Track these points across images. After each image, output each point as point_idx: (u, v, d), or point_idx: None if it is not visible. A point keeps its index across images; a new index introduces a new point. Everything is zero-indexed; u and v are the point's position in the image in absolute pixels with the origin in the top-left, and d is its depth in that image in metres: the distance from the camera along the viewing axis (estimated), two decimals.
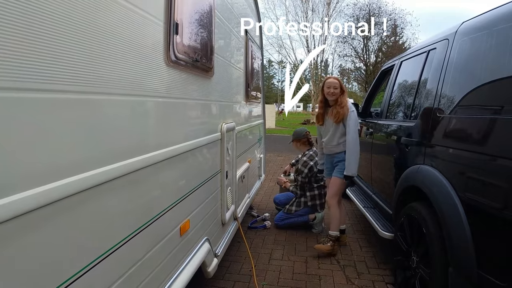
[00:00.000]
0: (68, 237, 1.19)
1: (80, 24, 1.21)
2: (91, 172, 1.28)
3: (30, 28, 1.00)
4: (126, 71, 1.52)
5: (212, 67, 2.61)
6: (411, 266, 2.95)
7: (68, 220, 1.19)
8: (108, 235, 1.43)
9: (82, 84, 1.24)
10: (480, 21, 2.62)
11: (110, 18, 1.39)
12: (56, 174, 1.12)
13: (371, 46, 32.18)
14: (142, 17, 1.64)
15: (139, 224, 1.67)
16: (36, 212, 1.04)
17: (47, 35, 1.06)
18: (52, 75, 1.09)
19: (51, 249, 1.12)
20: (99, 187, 1.33)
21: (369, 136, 4.73)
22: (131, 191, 1.58)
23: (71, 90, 1.18)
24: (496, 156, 2.09)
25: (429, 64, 3.30)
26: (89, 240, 1.31)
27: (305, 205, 4.90)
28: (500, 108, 2.15)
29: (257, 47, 4.94)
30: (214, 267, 2.77)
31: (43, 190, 1.05)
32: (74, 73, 1.18)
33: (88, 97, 1.27)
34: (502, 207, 2.00)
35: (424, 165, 2.86)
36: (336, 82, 4.05)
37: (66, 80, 1.15)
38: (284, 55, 33.53)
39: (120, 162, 1.47)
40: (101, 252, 1.38)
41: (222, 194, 3.07)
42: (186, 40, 2.10)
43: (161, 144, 1.87)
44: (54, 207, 1.11)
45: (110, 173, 1.39)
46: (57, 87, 1.12)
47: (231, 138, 3.26)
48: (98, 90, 1.33)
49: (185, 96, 2.19)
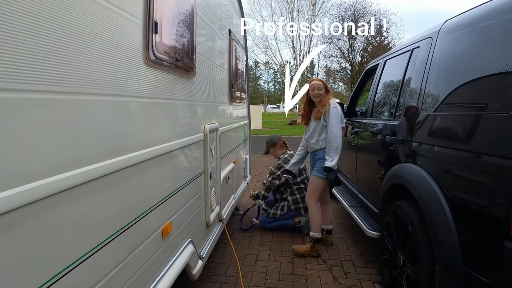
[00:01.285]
0: (43, 240, 1.15)
1: (55, 24, 1.17)
2: (67, 174, 1.23)
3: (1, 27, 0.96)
4: (104, 70, 1.48)
5: (193, 67, 2.56)
6: (398, 264, 2.94)
7: (43, 223, 1.14)
8: (86, 238, 1.39)
9: (58, 84, 1.20)
10: (463, 19, 2.62)
11: (87, 17, 1.35)
12: (30, 176, 1.08)
13: (357, 46, 32.36)
14: (120, 16, 1.60)
15: (118, 227, 1.62)
16: (8, 215, 1.00)
17: (20, 33, 1.03)
18: (26, 74, 1.06)
19: (25, 253, 1.08)
20: (76, 189, 1.29)
21: (354, 135, 4.72)
22: (109, 193, 1.54)
23: (45, 90, 1.14)
24: (480, 153, 2.09)
25: (413, 62, 3.30)
26: (66, 243, 1.27)
27: (289, 209, 4.87)
28: (483, 105, 2.16)
29: (241, 48, 4.91)
30: (199, 269, 2.73)
31: (15, 193, 1.01)
32: (49, 73, 1.15)
33: (64, 97, 1.24)
34: (487, 204, 1.99)
35: (409, 163, 2.86)
36: (320, 84, 4.11)
37: (41, 80, 1.12)
38: (270, 55, 33.58)
39: (97, 163, 1.42)
40: (79, 255, 1.34)
41: (206, 195, 3.02)
42: (166, 40, 2.06)
43: (141, 145, 1.83)
44: (28, 210, 1.07)
45: (87, 174, 1.35)
46: (31, 87, 1.08)
47: (215, 139, 3.22)
48: (75, 90, 1.29)
49: (165, 96, 2.14)
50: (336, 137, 3.90)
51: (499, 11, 2.21)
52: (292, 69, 34.38)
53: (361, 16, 30.84)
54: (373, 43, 31.72)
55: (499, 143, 1.95)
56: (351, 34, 30.89)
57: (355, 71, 31.54)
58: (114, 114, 1.59)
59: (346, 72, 34.03)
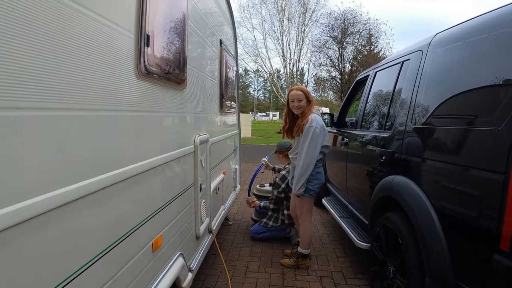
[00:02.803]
0: (32, 259, 1.12)
1: (44, 37, 1.15)
2: (55, 192, 1.21)
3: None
4: (94, 85, 1.45)
5: (185, 78, 2.56)
6: (388, 276, 2.94)
7: (31, 243, 1.12)
8: (75, 256, 1.36)
9: (47, 100, 1.18)
10: (454, 33, 2.65)
11: (78, 30, 1.33)
12: (16, 196, 1.05)
13: (346, 55, 32.56)
14: (111, 29, 1.58)
15: (108, 243, 1.60)
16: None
17: (6, 46, 1.01)
18: (13, 91, 1.03)
19: (13, 274, 1.06)
20: (66, 206, 1.26)
21: (344, 146, 4.74)
22: (99, 209, 1.51)
23: (34, 107, 1.12)
24: (470, 167, 2.11)
25: (403, 74, 3.32)
26: (55, 262, 1.24)
27: (283, 222, 4.82)
28: (473, 118, 2.18)
29: (232, 57, 4.91)
30: (189, 282, 2.70)
31: (4, 213, 0.99)
32: (37, 89, 1.12)
33: (53, 114, 1.21)
34: (477, 218, 2.01)
35: (399, 175, 2.87)
36: (300, 94, 3.75)
37: (29, 96, 1.09)
38: (260, 64, 33.66)
39: (87, 180, 1.40)
40: (69, 273, 1.31)
41: (196, 207, 3.00)
42: (157, 52, 2.05)
43: (131, 159, 1.81)
44: (15, 230, 1.04)
45: (77, 191, 1.33)
46: (18, 104, 1.06)
47: (205, 150, 3.20)
48: (64, 106, 1.27)
49: (156, 109, 2.13)
50: (303, 163, 3.62)
51: (489, 26, 2.24)
52: (281, 77, 34.47)
53: (351, 25, 31.10)
54: (362, 52, 31.95)
55: (489, 156, 1.97)
56: (341, 43, 31.15)
57: (344, 80, 31.72)
58: (104, 128, 1.57)
59: (336, 81, 34.20)
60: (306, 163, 3.62)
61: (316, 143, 3.61)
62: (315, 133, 3.60)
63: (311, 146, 3.61)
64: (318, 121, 3.66)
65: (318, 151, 3.64)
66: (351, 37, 31.34)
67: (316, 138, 3.60)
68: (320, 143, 3.64)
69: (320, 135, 3.62)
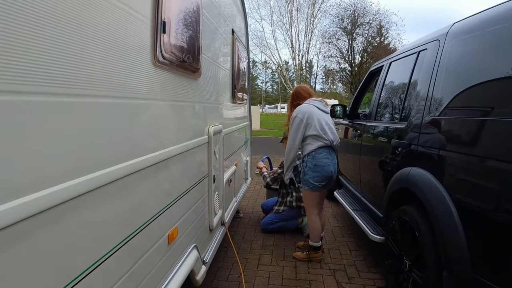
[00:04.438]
0: (48, 252, 1.09)
1: (62, 22, 1.11)
2: (71, 182, 1.16)
3: (6, 26, 0.91)
4: (111, 71, 1.42)
5: (199, 67, 2.51)
6: (404, 270, 2.90)
7: (47, 235, 1.08)
8: (92, 248, 1.33)
9: (65, 86, 1.14)
10: (472, 22, 2.58)
11: (96, 15, 1.29)
12: (32, 186, 1.01)
13: (356, 46, 32.29)
14: (128, 15, 1.54)
15: (125, 235, 1.57)
16: (14, 227, 0.94)
17: (26, 33, 0.97)
18: (27, 75, 0.99)
19: (30, 266, 1.02)
20: (81, 197, 1.22)
21: (357, 138, 4.68)
22: (115, 200, 1.48)
23: (48, 92, 1.07)
24: (489, 158, 2.05)
25: (420, 65, 3.25)
26: (73, 254, 1.21)
27: (291, 204, 4.82)
28: (491, 109, 2.12)
29: (243, 47, 4.86)
30: (203, 275, 2.68)
31: (18, 204, 0.95)
32: (52, 74, 1.08)
33: (68, 100, 1.17)
34: (496, 210, 1.96)
35: (416, 167, 2.81)
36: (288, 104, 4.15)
37: (43, 81, 1.05)
38: (268, 55, 33.55)
39: (103, 170, 1.36)
40: (86, 266, 1.28)
41: (209, 199, 2.97)
42: (173, 40, 2.01)
43: (148, 148, 1.77)
44: (30, 222, 1.00)
45: (92, 182, 1.29)
46: (32, 89, 1.01)
47: (218, 141, 3.17)
48: (82, 92, 1.23)
49: (172, 98, 2.09)
50: (288, 151, 3.87)
51: (509, 15, 2.17)
52: (290, 69, 34.36)
53: (361, 16, 30.81)
54: (373, 44, 31.66)
55: (509, 148, 1.91)
56: (351, 34, 30.90)
57: (354, 72, 31.47)
58: (122, 117, 1.53)
59: (345, 73, 33.97)
60: (287, 151, 3.86)
61: (296, 131, 3.73)
62: (295, 121, 3.74)
63: (290, 134, 3.79)
64: (302, 110, 3.77)
65: (298, 139, 3.74)
66: (361, 28, 31.03)
67: (296, 126, 3.73)
68: (300, 131, 3.72)
69: (301, 123, 3.71)
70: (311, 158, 3.69)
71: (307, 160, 3.73)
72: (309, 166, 3.71)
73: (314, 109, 3.75)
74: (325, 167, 3.71)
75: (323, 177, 3.72)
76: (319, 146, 3.68)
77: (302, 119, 3.69)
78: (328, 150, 3.75)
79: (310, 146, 3.69)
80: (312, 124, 3.69)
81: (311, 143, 3.70)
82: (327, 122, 3.79)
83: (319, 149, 3.68)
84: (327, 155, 3.73)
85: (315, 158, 3.67)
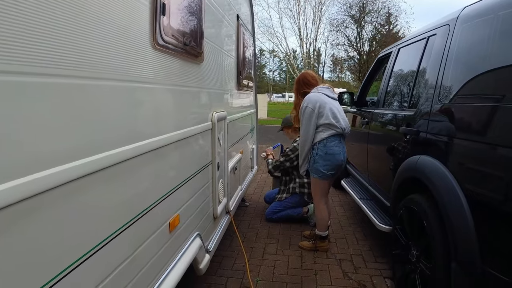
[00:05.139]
0: (47, 236, 1.07)
1: (60, 3, 1.07)
2: (68, 165, 1.13)
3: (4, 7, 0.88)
4: (109, 53, 1.37)
5: (202, 52, 2.45)
6: (411, 260, 2.84)
7: (46, 218, 1.05)
8: (91, 233, 1.30)
9: (59, 67, 1.10)
10: (484, 6, 2.49)
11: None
12: (27, 168, 0.98)
13: (365, 34, 31.99)
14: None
15: (124, 221, 1.53)
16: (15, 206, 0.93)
17: (24, 14, 0.94)
18: (30, 56, 0.96)
19: (28, 251, 1.00)
20: (79, 180, 1.19)
21: (365, 126, 4.60)
22: (113, 185, 1.44)
23: (45, 73, 1.04)
24: (500, 146, 1.98)
25: (429, 50, 3.17)
26: (71, 239, 1.18)
27: (294, 191, 4.78)
28: (503, 96, 2.03)
29: (249, 34, 4.77)
30: (206, 263, 2.64)
31: (14, 186, 0.92)
32: (49, 55, 1.04)
33: (65, 81, 1.13)
34: (508, 199, 1.89)
35: (425, 155, 2.74)
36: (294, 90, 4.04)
37: (40, 61, 1.01)
38: (275, 43, 33.36)
39: (102, 153, 1.32)
40: (85, 251, 1.25)
41: (213, 186, 2.93)
42: (174, 22, 1.95)
43: (148, 133, 1.72)
44: (27, 204, 0.97)
45: (90, 165, 1.25)
46: (29, 69, 0.98)
47: (223, 128, 3.11)
48: (78, 74, 1.19)
49: (173, 82, 2.04)
50: (299, 143, 3.81)
51: None
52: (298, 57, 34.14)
53: (370, 4, 30.47)
54: (381, 32, 31.33)
55: None
56: (360, 22, 30.59)
57: (363, 60, 31.23)
58: (121, 100, 1.49)
59: (353, 61, 33.70)
60: (301, 143, 3.74)
61: (309, 122, 3.64)
62: (306, 112, 3.64)
63: (303, 125, 3.69)
64: (312, 99, 3.67)
65: (312, 129, 3.64)
66: (370, 16, 30.76)
67: (307, 117, 3.64)
68: (313, 121, 3.63)
69: (312, 113, 3.62)
70: (323, 146, 3.63)
71: (318, 148, 3.66)
72: (320, 154, 3.65)
73: (323, 97, 3.68)
74: (336, 155, 3.65)
75: (333, 166, 3.67)
76: (331, 134, 3.62)
77: (313, 109, 3.60)
78: (339, 138, 3.69)
79: (322, 134, 3.63)
80: (324, 113, 3.62)
81: (322, 131, 3.64)
82: (338, 110, 3.73)
83: (330, 137, 3.63)
84: (338, 143, 3.67)
85: (326, 146, 3.62)
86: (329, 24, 32.66)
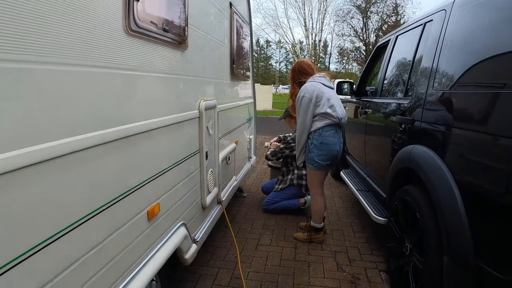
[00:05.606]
0: (13, 216, 1.08)
1: None
2: (36, 147, 1.14)
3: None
4: (78, 37, 1.34)
5: (185, 38, 2.37)
6: (405, 253, 2.77)
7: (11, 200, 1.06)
8: (59, 215, 1.29)
9: (24, 52, 1.09)
10: None
11: None
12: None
13: (371, 25, 31.67)
14: None
15: (96, 206, 1.50)
16: None
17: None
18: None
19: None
20: (48, 162, 1.20)
21: (363, 116, 4.51)
22: (81, 170, 1.40)
23: (10, 59, 1.04)
24: (497, 135, 1.88)
25: (425, 37, 3.07)
26: (39, 218, 1.18)
27: (291, 182, 4.72)
28: (502, 84, 1.93)
29: (244, 23, 4.66)
30: (193, 254, 2.58)
31: None
32: (13, 39, 1.04)
33: (31, 67, 1.12)
34: (504, 192, 1.80)
35: (419, 145, 2.66)
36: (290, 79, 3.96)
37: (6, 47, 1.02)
38: (281, 34, 33.14)
39: (70, 137, 1.31)
40: (50, 234, 1.23)
41: (201, 176, 2.86)
42: (150, 7, 1.88)
43: (120, 119, 1.66)
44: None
45: (58, 148, 1.24)
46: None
47: (212, 117, 3.04)
48: (44, 59, 1.18)
49: (151, 69, 1.96)
50: (297, 132, 3.73)
51: None
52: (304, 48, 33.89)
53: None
54: (388, 22, 30.99)
55: None
56: (366, 12, 30.28)
57: (369, 51, 30.92)
58: (89, 86, 1.44)
59: (360, 52, 33.41)
60: (298, 133, 3.67)
61: (306, 112, 3.56)
62: (303, 102, 3.56)
63: (300, 116, 3.62)
64: (309, 89, 3.57)
65: (308, 120, 3.57)
66: (376, 6, 30.42)
67: (304, 107, 3.56)
68: (310, 112, 3.55)
69: (309, 103, 3.54)
70: (318, 136, 3.56)
71: (313, 137, 3.59)
72: (314, 143, 3.58)
73: (320, 86, 3.59)
74: (331, 145, 3.58)
75: (328, 156, 3.60)
76: (327, 124, 3.55)
77: (310, 99, 3.53)
78: (335, 128, 3.62)
79: (318, 123, 3.56)
80: (321, 102, 3.54)
81: (318, 120, 3.57)
82: (335, 99, 3.64)
83: (326, 126, 3.55)
84: (334, 133, 3.60)
85: (321, 135, 3.54)
86: (334, 15, 32.41)
